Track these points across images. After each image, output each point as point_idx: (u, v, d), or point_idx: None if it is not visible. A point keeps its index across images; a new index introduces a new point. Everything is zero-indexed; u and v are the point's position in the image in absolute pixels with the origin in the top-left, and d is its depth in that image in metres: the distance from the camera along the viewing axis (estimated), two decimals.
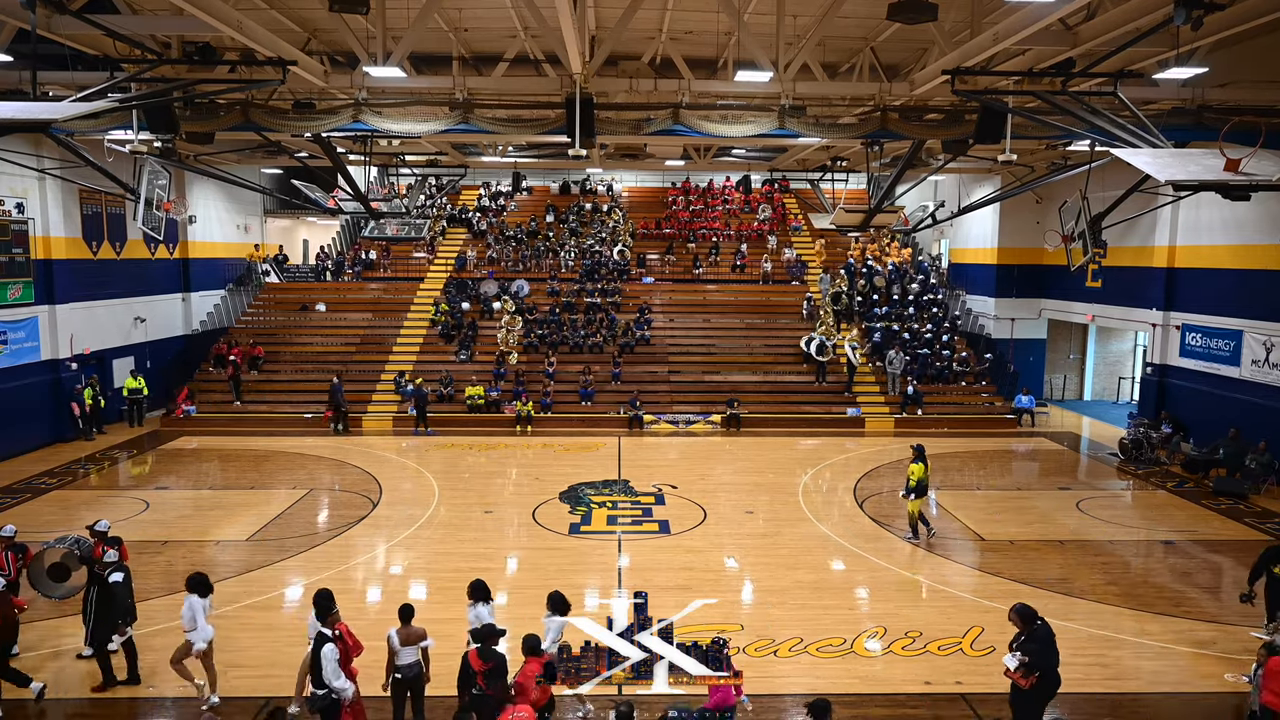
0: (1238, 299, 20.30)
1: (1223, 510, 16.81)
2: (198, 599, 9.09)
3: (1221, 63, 16.05)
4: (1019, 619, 8.28)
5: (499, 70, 17.24)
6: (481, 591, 8.95)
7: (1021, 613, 8.29)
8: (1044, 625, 8.29)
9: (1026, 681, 8.03)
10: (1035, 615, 8.29)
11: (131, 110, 14.90)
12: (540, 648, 8.11)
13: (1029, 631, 8.20)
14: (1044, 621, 8.32)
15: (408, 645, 8.44)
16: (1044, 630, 8.25)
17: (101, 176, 16.27)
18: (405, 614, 8.57)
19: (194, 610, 9.03)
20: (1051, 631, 8.35)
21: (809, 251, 33.36)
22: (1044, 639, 8.17)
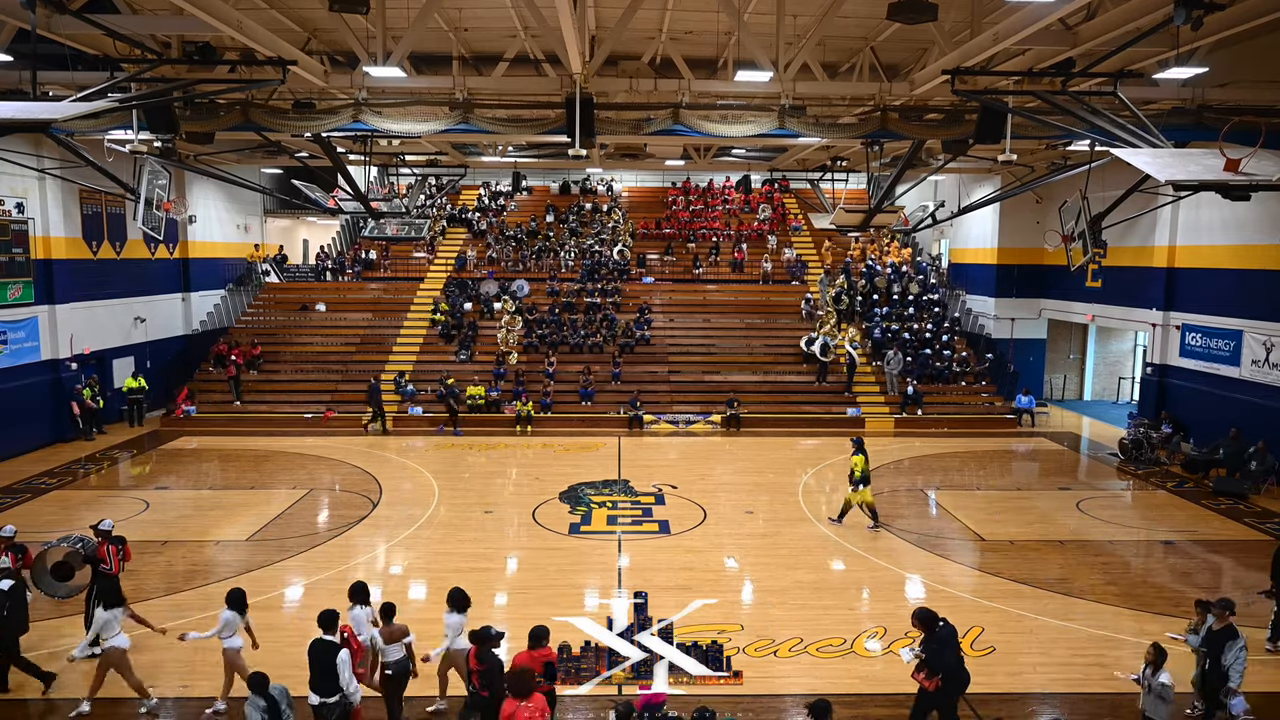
0: (1238, 299, 20.30)
1: (1223, 510, 16.81)
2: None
3: (1221, 63, 16.05)
4: (920, 623, 8.31)
5: (499, 70, 17.24)
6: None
7: (922, 617, 8.32)
8: (946, 626, 8.34)
9: (930, 683, 8.05)
10: (936, 619, 8.31)
11: (131, 110, 14.90)
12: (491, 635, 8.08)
13: (930, 634, 8.23)
14: (946, 623, 8.37)
15: (392, 643, 8.53)
16: (945, 631, 8.29)
17: (101, 176, 16.28)
18: (388, 612, 8.68)
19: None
20: (953, 631, 8.41)
21: (811, 253, 33.37)
22: (943, 639, 8.22)
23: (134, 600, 11.22)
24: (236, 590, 9.14)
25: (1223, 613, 8.60)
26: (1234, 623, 8.60)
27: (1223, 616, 8.59)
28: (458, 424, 23.57)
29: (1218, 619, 8.62)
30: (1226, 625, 8.56)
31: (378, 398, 23.84)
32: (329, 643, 7.89)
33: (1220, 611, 8.62)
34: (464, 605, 8.90)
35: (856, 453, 15.17)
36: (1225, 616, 8.58)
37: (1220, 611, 8.62)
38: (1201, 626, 8.84)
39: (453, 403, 23.66)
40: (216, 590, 12.32)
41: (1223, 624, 8.57)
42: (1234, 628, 8.57)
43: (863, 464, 15.08)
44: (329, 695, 7.75)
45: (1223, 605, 8.66)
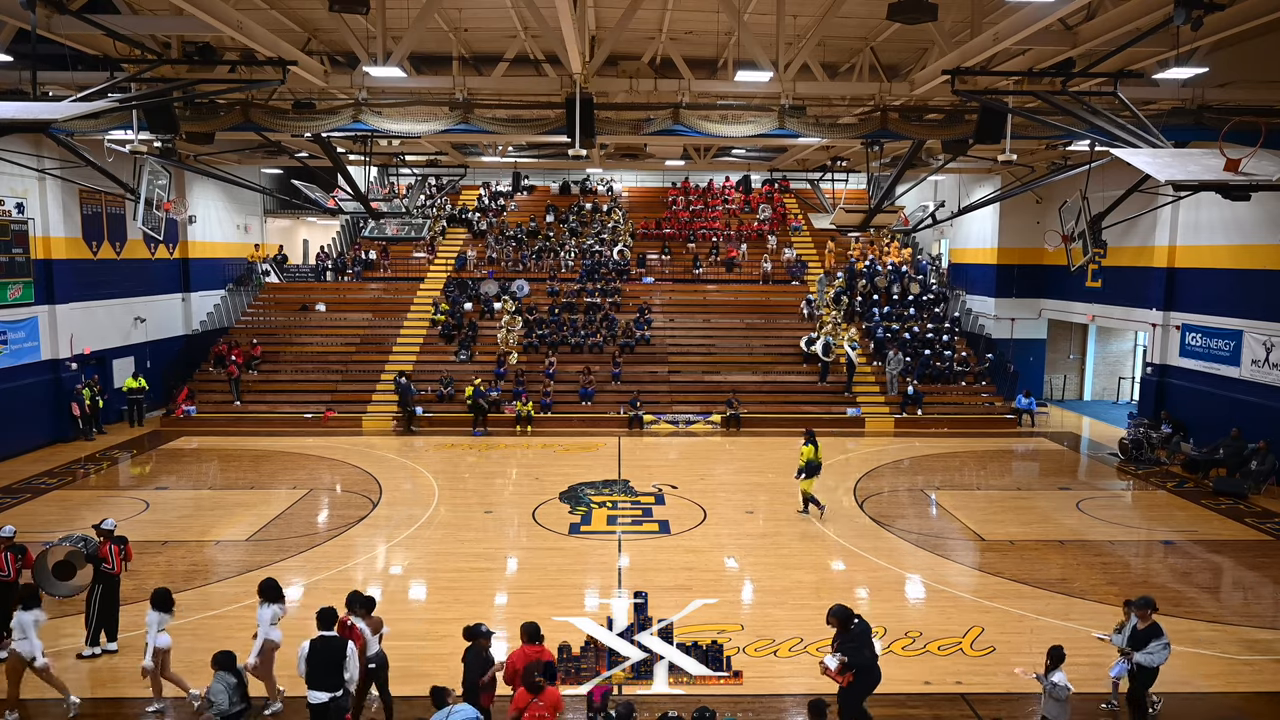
0: (1238, 299, 20.30)
1: (1223, 510, 16.81)
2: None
3: (1221, 63, 16.06)
4: (837, 620, 8.33)
5: (499, 70, 17.24)
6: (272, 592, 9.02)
7: (839, 614, 8.34)
8: (861, 623, 8.38)
9: (844, 679, 8.10)
10: (852, 616, 8.35)
11: (131, 110, 14.91)
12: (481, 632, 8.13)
13: (847, 631, 8.27)
14: (861, 620, 8.41)
15: (373, 635, 8.61)
16: (860, 628, 8.33)
17: (101, 176, 16.30)
18: (367, 605, 8.70)
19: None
20: (868, 628, 8.46)
21: (811, 253, 33.38)
22: (858, 637, 8.26)
23: (134, 600, 11.24)
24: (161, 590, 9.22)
25: (1144, 611, 8.57)
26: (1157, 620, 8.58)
27: (1145, 616, 8.55)
28: (486, 424, 23.63)
29: (1141, 619, 8.58)
30: (1150, 624, 8.52)
31: (408, 397, 23.77)
32: (334, 638, 7.91)
33: (1142, 610, 8.59)
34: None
35: (807, 443, 15.84)
36: (1148, 615, 8.55)
37: (1142, 610, 8.59)
38: (1127, 626, 8.81)
39: (483, 404, 23.71)
40: (217, 590, 12.35)
41: (1146, 623, 8.54)
42: (1158, 626, 8.53)
43: (811, 454, 15.68)
44: (335, 690, 7.75)
45: (1143, 604, 8.63)
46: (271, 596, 8.98)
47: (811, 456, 15.74)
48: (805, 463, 15.77)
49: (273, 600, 8.98)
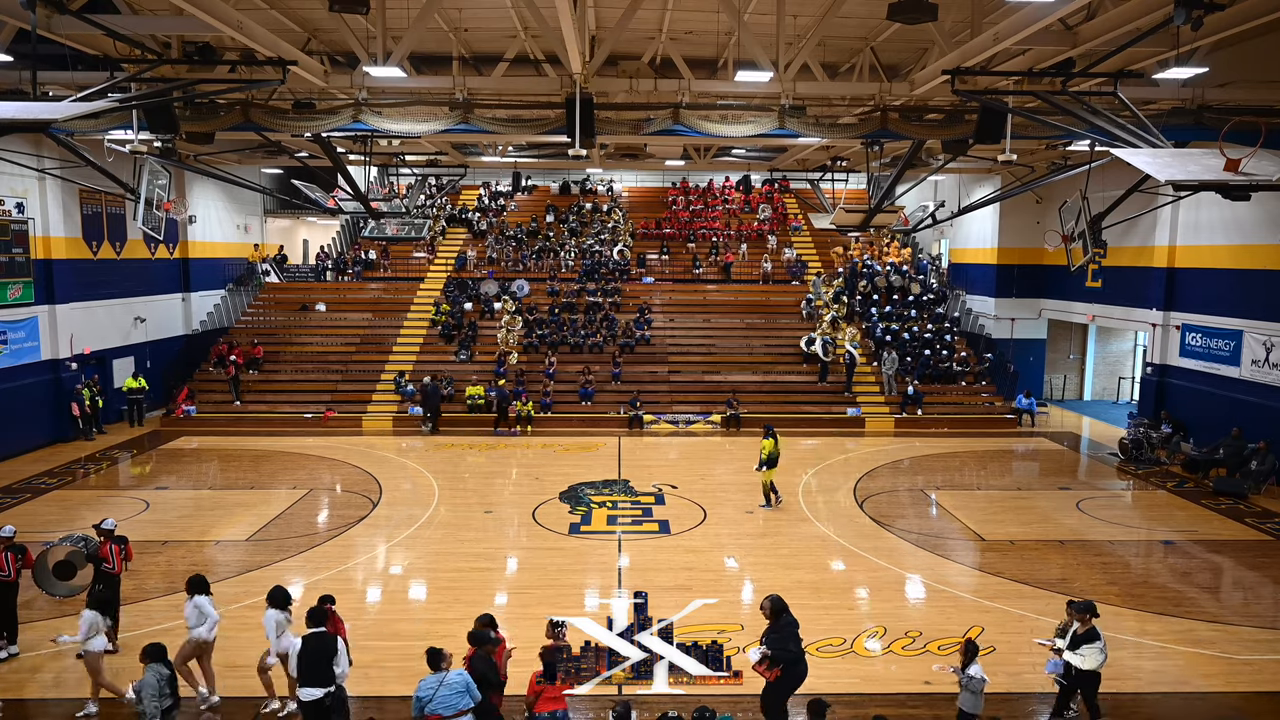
0: (1238, 299, 20.30)
1: (1223, 510, 16.81)
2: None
3: (1221, 63, 16.06)
4: (769, 611, 8.35)
5: (499, 70, 17.24)
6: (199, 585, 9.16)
7: (774, 604, 8.36)
8: (789, 617, 8.40)
9: (771, 674, 8.12)
10: (785, 608, 8.36)
11: (131, 110, 14.91)
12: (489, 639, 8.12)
13: (775, 624, 8.29)
14: (790, 615, 8.44)
15: None
16: (787, 621, 8.35)
17: (101, 176, 16.30)
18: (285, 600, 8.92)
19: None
20: (795, 623, 8.47)
21: (811, 253, 33.40)
22: (784, 629, 8.27)
23: (134, 600, 11.24)
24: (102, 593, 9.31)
25: (1084, 615, 8.56)
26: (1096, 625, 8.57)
27: (1084, 620, 8.55)
28: (509, 424, 23.63)
29: (1080, 623, 8.57)
30: (1089, 628, 8.52)
31: (436, 400, 23.76)
32: (324, 635, 7.97)
33: (1081, 614, 8.58)
34: (284, 602, 8.99)
35: (766, 437, 16.49)
36: (1087, 619, 8.54)
37: (1081, 614, 8.58)
38: (1069, 629, 8.79)
39: (504, 404, 23.72)
40: (217, 590, 12.30)
41: (1085, 627, 8.54)
42: (1096, 630, 8.52)
43: (771, 447, 16.28)
44: (328, 685, 7.82)
45: (1083, 608, 8.62)
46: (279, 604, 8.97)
47: (771, 449, 16.28)
48: (767, 456, 16.30)
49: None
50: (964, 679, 8.13)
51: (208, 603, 9.08)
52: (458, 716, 7.31)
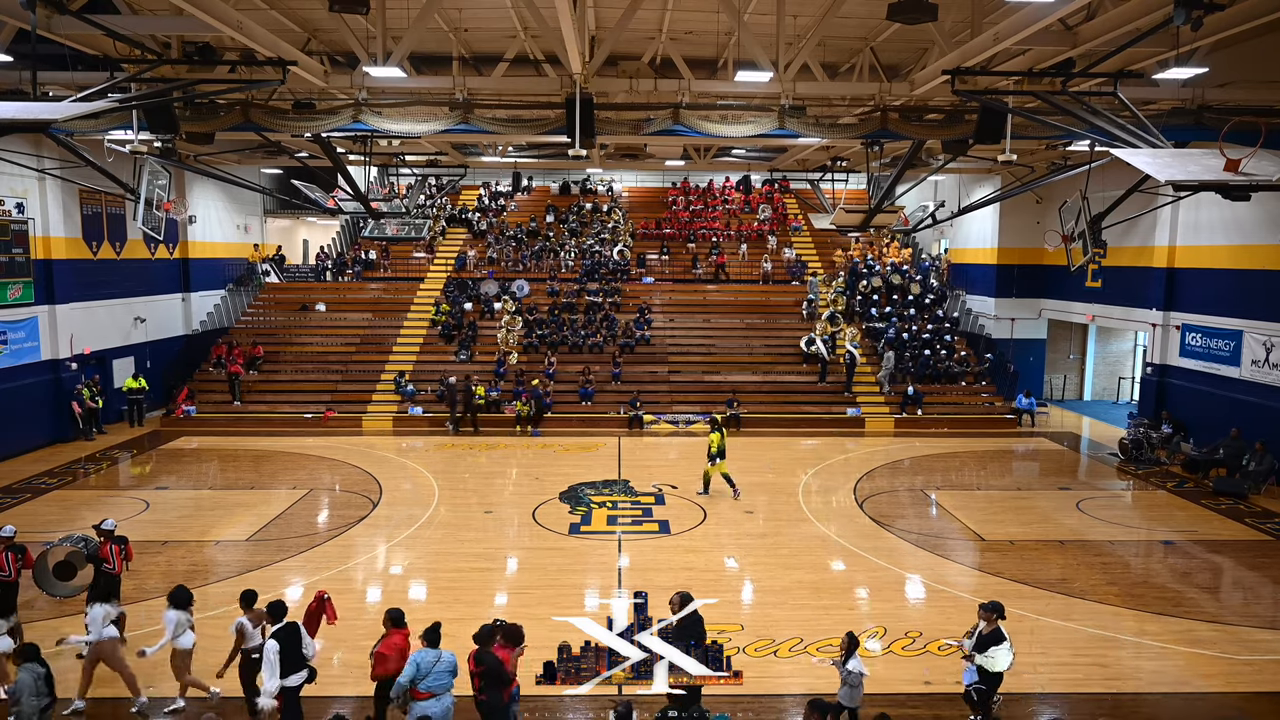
0: (1238, 299, 20.29)
1: (1223, 510, 16.80)
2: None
3: (1221, 63, 16.05)
4: (679, 604, 8.44)
5: (499, 70, 17.24)
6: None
7: (683, 598, 8.44)
8: (695, 614, 8.47)
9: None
10: (690, 602, 8.44)
11: (131, 110, 14.91)
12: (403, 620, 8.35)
13: (682, 619, 8.38)
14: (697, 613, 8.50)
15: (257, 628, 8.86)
16: (692, 618, 8.42)
17: (101, 176, 16.30)
18: (250, 599, 9.01)
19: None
20: (700, 618, 8.53)
21: (811, 253, 33.40)
22: (689, 626, 8.34)
23: (134, 600, 11.24)
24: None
25: (990, 615, 8.57)
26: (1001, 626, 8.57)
27: (990, 620, 8.56)
28: (536, 424, 23.60)
29: (987, 623, 8.57)
30: (995, 629, 8.52)
31: (471, 398, 23.72)
32: (290, 626, 8.24)
33: (988, 615, 8.59)
34: (186, 603, 9.13)
35: (713, 430, 17.25)
36: (992, 620, 8.55)
37: (988, 615, 8.59)
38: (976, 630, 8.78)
39: (536, 406, 23.75)
40: (217, 590, 12.33)
41: (991, 627, 8.54)
42: (1001, 631, 8.52)
43: (718, 440, 16.99)
44: (304, 667, 8.20)
45: (990, 609, 8.62)
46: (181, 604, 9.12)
47: (719, 442, 17.01)
48: (717, 449, 16.99)
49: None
50: (843, 672, 8.26)
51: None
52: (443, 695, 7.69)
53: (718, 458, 17.03)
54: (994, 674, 8.52)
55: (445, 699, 7.73)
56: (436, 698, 7.64)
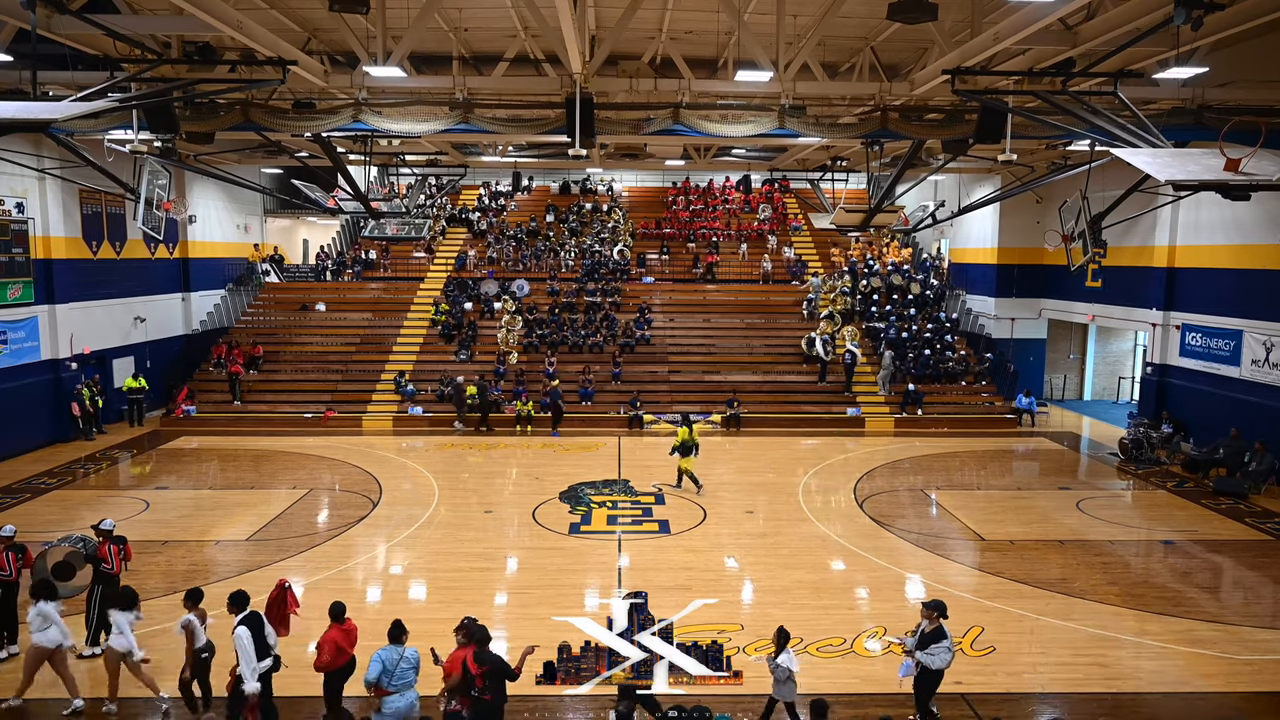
0: (1238, 299, 20.29)
1: (1223, 510, 16.80)
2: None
3: (1221, 63, 16.05)
4: None
5: (499, 70, 17.25)
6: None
7: None
8: None
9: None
10: None
11: (131, 110, 14.90)
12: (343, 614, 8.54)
13: None
14: None
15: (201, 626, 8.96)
16: None
17: (101, 176, 16.30)
18: (196, 597, 9.06)
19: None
20: None
21: (811, 253, 33.40)
22: None
23: None
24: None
25: (931, 614, 8.58)
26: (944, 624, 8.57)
27: (932, 618, 8.57)
28: (556, 424, 23.62)
29: (929, 620, 8.58)
30: (937, 627, 8.53)
31: (485, 400, 23.72)
32: (253, 615, 8.45)
33: (930, 613, 8.60)
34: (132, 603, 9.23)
35: (682, 425, 17.78)
36: (935, 618, 8.56)
37: (930, 613, 8.60)
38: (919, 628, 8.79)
39: (560, 404, 23.75)
40: (217, 590, 12.31)
41: (933, 625, 8.55)
42: (943, 629, 8.52)
43: (686, 434, 17.45)
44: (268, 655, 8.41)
45: (932, 607, 8.63)
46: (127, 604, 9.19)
47: (686, 437, 17.43)
48: (680, 443, 17.45)
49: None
50: (772, 667, 8.36)
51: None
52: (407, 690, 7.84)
53: (679, 452, 17.49)
54: (933, 672, 8.51)
55: (410, 694, 7.89)
56: (401, 693, 7.82)
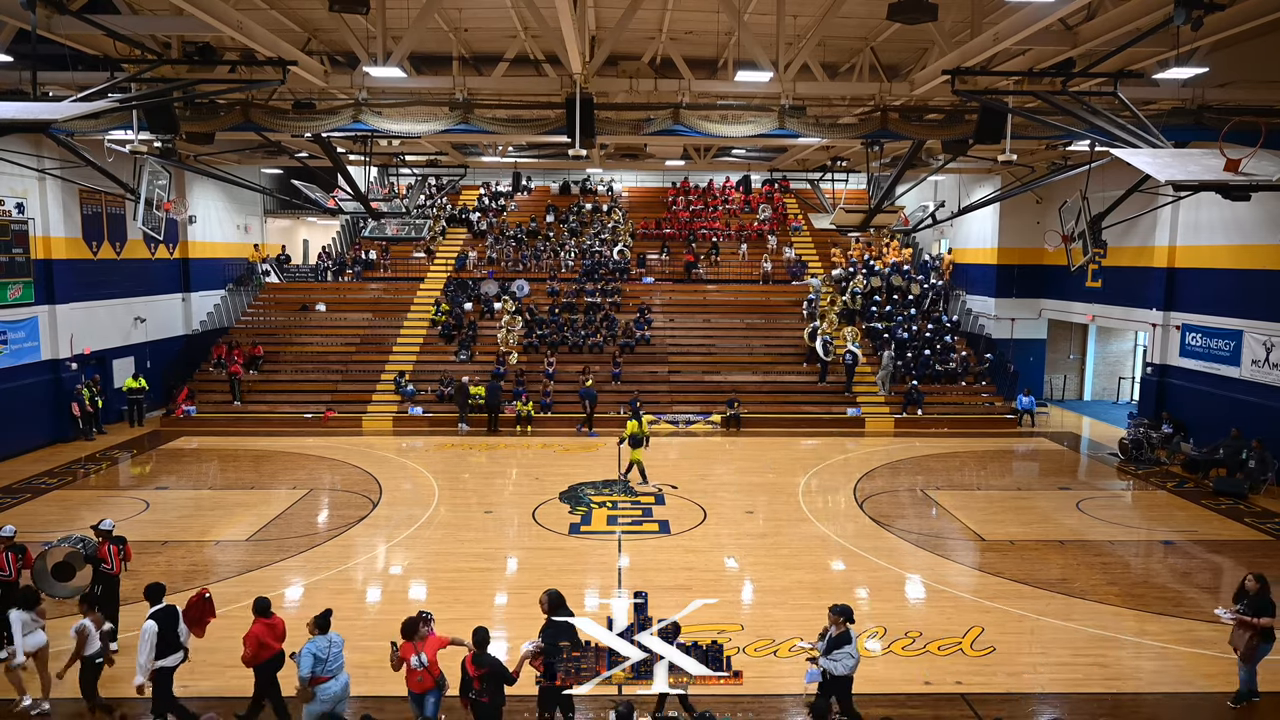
0: (1238, 299, 20.29)
1: (1223, 510, 16.80)
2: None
3: (1221, 63, 16.05)
4: (547, 605, 8.53)
5: (499, 70, 17.25)
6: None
7: (551, 598, 8.53)
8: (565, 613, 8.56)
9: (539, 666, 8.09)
10: (562, 606, 8.52)
11: (131, 110, 14.90)
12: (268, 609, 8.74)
13: (552, 617, 8.46)
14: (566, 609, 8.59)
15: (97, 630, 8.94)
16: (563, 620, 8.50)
17: (101, 176, 16.29)
18: (92, 601, 9.13)
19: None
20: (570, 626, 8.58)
21: (811, 253, 33.39)
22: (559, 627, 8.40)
23: (134, 601, 11.20)
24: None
25: (838, 618, 8.57)
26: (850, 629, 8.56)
27: (839, 623, 8.56)
28: (591, 425, 23.61)
29: (836, 626, 8.56)
30: (843, 631, 8.52)
31: (496, 401, 23.76)
32: (169, 609, 8.65)
33: (836, 618, 8.59)
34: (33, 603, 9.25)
35: (632, 418, 18.41)
36: (841, 623, 8.55)
37: (836, 618, 8.59)
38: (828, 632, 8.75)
39: (589, 404, 23.74)
40: (216, 590, 12.30)
41: (840, 630, 8.53)
42: (850, 633, 8.51)
43: (635, 427, 18.08)
44: (178, 649, 8.63)
45: (838, 611, 8.62)
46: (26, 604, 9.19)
47: (635, 430, 18.05)
48: (629, 434, 18.05)
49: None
50: None
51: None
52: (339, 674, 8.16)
53: (630, 443, 18.00)
54: (841, 678, 8.44)
55: (342, 677, 8.21)
56: (336, 676, 8.11)
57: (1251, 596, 9.39)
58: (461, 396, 23.78)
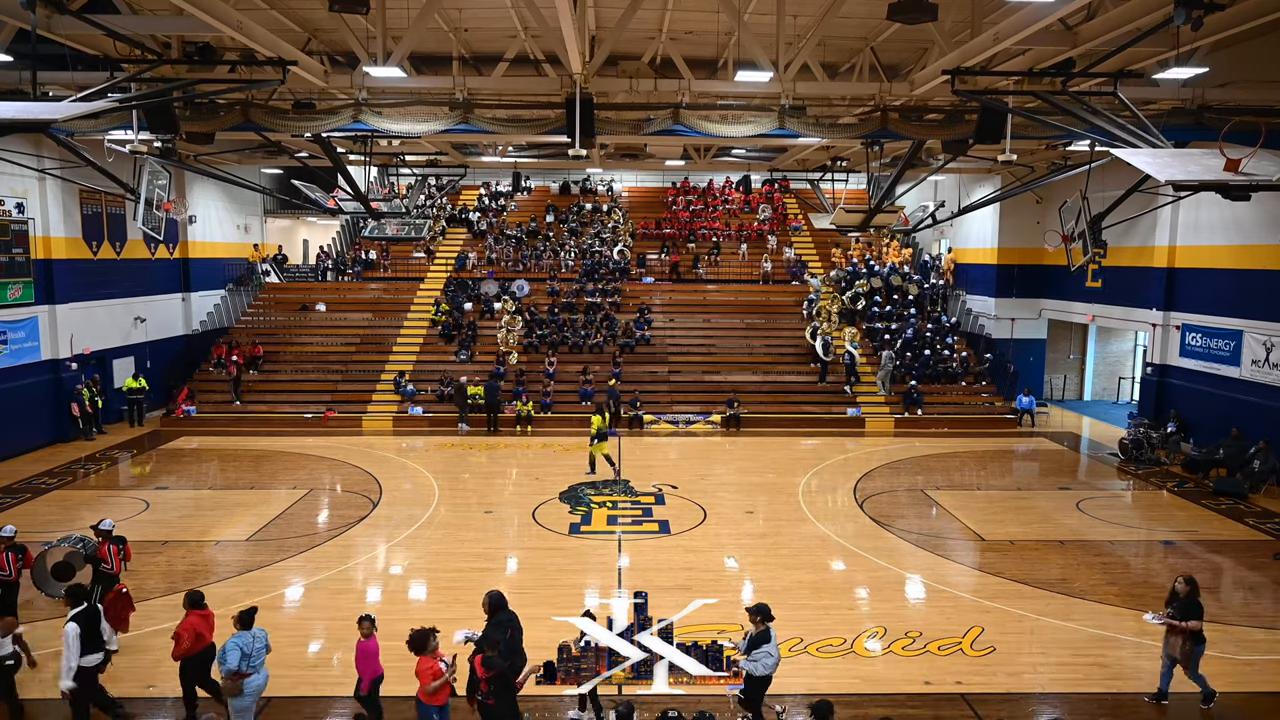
0: (1238, 299, 20.29)
1: (1223, 510, 16.80)
2: None
3: (1221, 63, 16.05)
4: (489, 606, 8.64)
5: (499, 70, 17.25)
6: None
7: (492, 600, 8.63)
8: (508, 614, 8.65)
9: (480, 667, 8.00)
10: (503, 606, 8.61)
11: (131, 110, 14.90)
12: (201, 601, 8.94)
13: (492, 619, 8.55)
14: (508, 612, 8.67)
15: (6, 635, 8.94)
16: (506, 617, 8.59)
17: (101, 176, 16.29)
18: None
19: None
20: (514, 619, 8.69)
21: (811, 253, 33.38)
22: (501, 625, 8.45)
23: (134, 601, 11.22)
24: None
25: (756, 618, 8.58)
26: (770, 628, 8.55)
27: (757, 622, 8.56)
28: (614, 423, 23.53)
29: (755, 625, 8.56)
30: (763, 630, 8.51)
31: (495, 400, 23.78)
32: (92, 608, 8.69)
33: (754, 617, 8.59)
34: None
35: (596, 413, 19.15)
36: (759, 622, 8.55)
37: (754, 617, 8.59)
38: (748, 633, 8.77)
39: (614, 405, 23.71)
40: (217, 590, 12.32)
41: (759, 629, 8.53)
42: (769, 632, 8.50)
43: (599, 422, 18.85)
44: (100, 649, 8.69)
45: (755, 611, 8.62)
46: None
47: (600, 424, 18.79)
48: (596, 430, 18.71)
49: None
50: None
51: None
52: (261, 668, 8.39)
53: (597, 439, 18.70)
54: (759, 678, 8.41)
55: (264, 670, 8.46)
56: (259, 670, 8.36)
57: (1181, 600, 9.30)
58: (461, 396, 23.78)
